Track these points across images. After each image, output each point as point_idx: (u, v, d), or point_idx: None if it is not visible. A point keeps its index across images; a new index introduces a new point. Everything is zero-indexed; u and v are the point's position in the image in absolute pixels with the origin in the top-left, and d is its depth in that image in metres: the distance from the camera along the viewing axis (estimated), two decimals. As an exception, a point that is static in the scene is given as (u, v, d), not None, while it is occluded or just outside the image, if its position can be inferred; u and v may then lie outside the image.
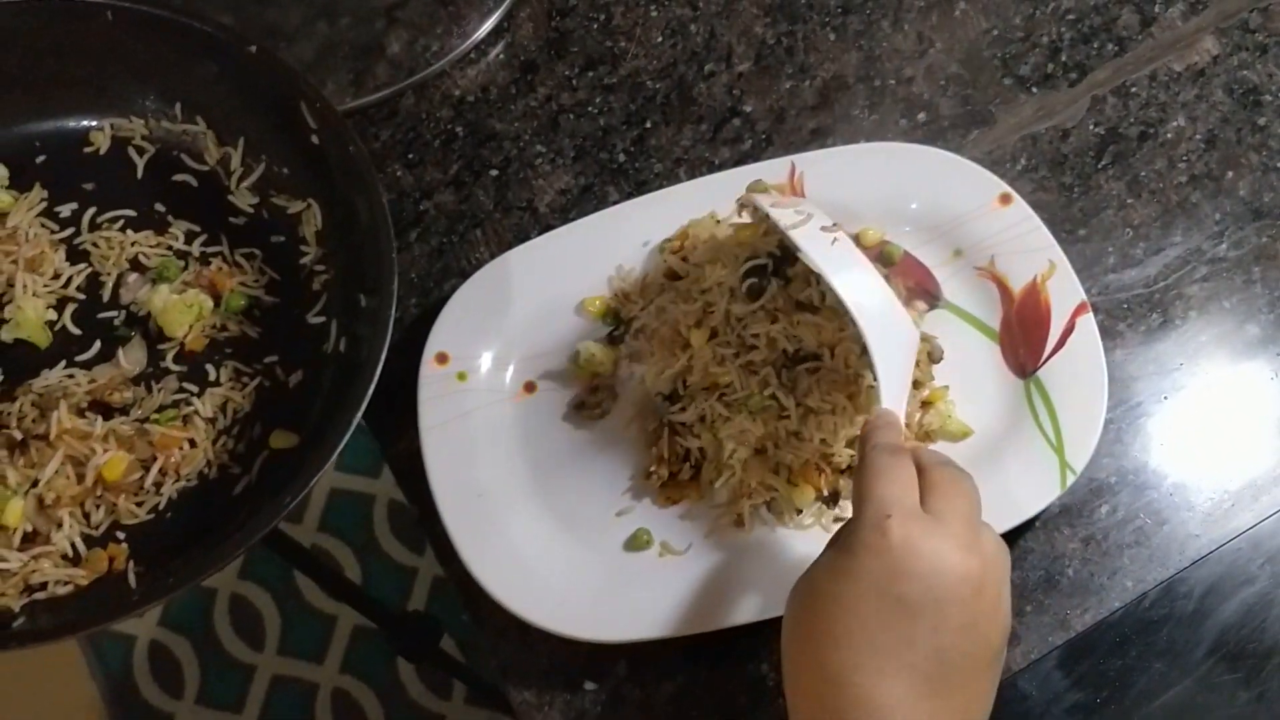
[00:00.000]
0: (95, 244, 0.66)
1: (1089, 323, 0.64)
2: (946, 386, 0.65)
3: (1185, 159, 0.72)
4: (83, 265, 0.66)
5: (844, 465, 0.62)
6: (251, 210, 0.68)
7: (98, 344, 0.64)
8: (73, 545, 0.59)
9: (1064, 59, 0.75)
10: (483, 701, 1.41)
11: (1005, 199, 0.67)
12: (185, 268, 0.66)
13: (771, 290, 0.62)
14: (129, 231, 0.67)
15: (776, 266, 0.63)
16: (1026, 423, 0.63)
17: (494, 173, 0.74)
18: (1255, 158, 0.72)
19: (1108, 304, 0.68)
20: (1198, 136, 0.72)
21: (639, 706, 0.61)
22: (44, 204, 0.67)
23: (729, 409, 0.63)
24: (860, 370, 0.61)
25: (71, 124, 0.68)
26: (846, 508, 0.63)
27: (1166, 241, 0.70)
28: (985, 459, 0.63)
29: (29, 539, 0.59)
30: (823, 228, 0.59)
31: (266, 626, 1.47)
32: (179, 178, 0.68)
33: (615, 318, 0.68)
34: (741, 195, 0.65)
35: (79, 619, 0.57)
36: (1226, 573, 0.62)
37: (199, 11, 0.65)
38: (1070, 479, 0.61)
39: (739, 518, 0.62)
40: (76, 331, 0.64)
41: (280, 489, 0.55)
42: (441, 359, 0.66)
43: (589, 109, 0.75)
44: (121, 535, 0.60)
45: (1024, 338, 0.65)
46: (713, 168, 0.73)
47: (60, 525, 0.59)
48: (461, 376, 0.66)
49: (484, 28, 0.76)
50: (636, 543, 0.63)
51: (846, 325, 0.61)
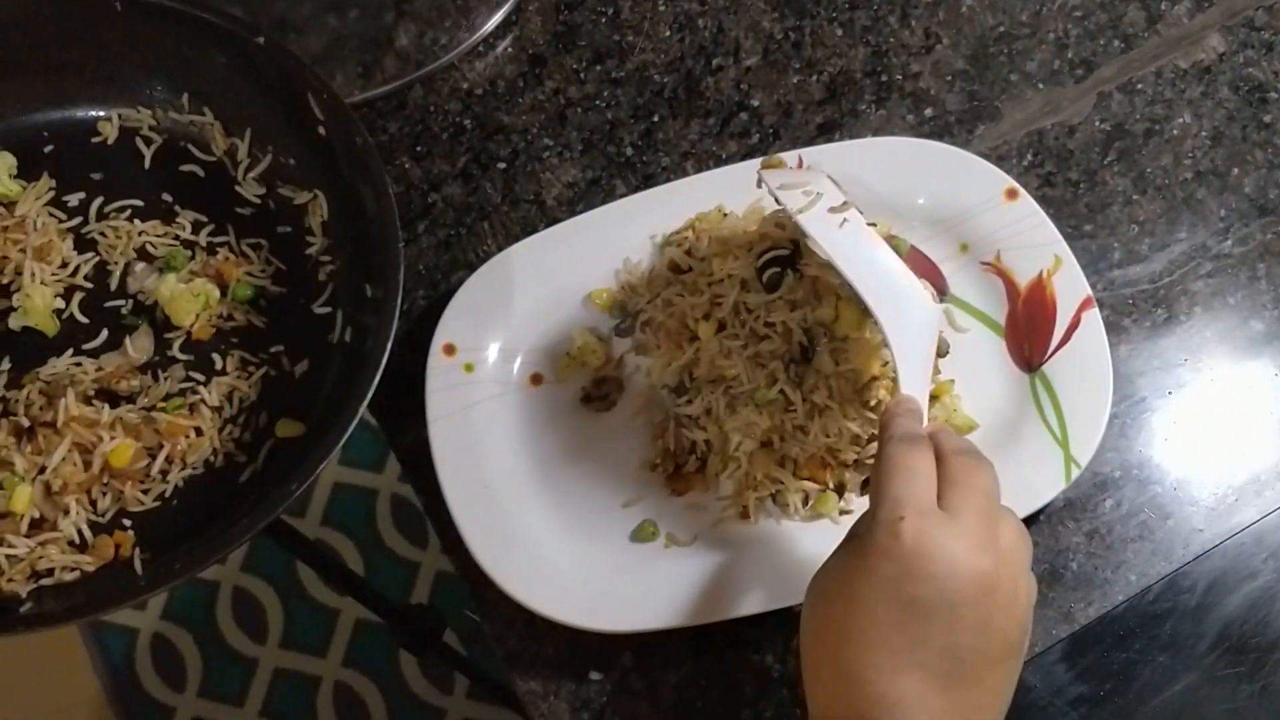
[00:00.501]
0: (103, 233, 0.66)
1: (1094, 318, 0.64)
2: (952, 380, 0.65)
3: (1191, 155, 0.72)
4: (90, 254, 0.66)
5: (850, 460, 0.63)
6: (258, 201, 0.68)
7: (105, 332, 0.64)
8: (79, 532, 0.59)
9: (1070, 55, 0.75)
10: (485, 695, 1.41)
11: (1011, 194, 0.67)
12: (192, 257, 0.66)
13: (789, 281, 0.62)
14: (136, 221, 0.67)
15: (795, 256, 0.62)
16: (1031, 417, 0.63)
17: (502, 165, 0.74)
18: (1261, 155, 0.72)
19: (1113, 299, 0.68)
20: (1203, 133, 0.72)
21: (644, 696, 0.62)
22: (52, 193, 0.67)
23: (735, 402, 0.63)
24: (877, 356, 0.61)
25: (80, 114, 0.69)
26: (851, 500, 0.63)
27: (1172, 237, 0.70)
28: (990, 452, 0.61)
29: (36, 525, 0.59)
30: (831, 208, 0.58)
31: (269, 619, 1.47)
32: (186, 168, 0.68)
33: (622, 310, 0.68)
34: (759, 169, 0.64)
35: (85, 604, 0.58)
36: (1230, 567, 0.63)
37: (208, 2, 0.65)
38: (1075, 473, 0.61)
39: (745, 510, 0.63)
40: (84, 320, 0.65)
41: (286, 478, 0.56)
42: (449, 350, 0.66)
43: (597, 102, 0.75)
44: (128, 522, 0.60)
45: (1029, 332, 0.65)
46: (720, 161, 0.73)
47: (67, 512, 0.59)
48: (469, 368, 0.66)
49: (492, 21, 0.76)
50: (642, 534, 0.63)
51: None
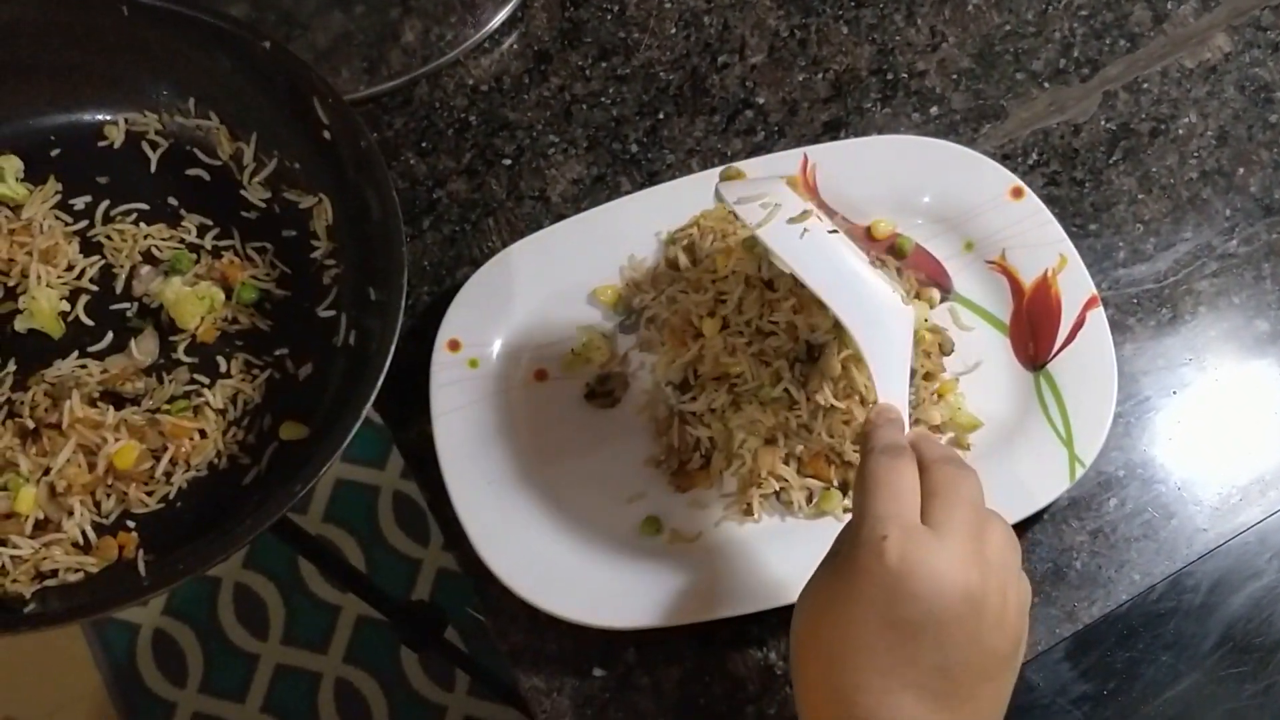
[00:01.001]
0: (109, 236, 0.66)
1: (1099, 317, 0.64)
2: (957, 379, 0.65)
3: (1196, 155, 0.72)
4: (96, 257, 0.66)
5: (854, 458, 0.63)
6: (263, 205, 0.68)
7: (110, 335, 0.65)
8: (83, 533, 0.59)
9: (1076, 54, 0.75)
10: (485, 692, 1.41)
11: (1017, 193, 0.67)
12: (197, 260, 0.66)
13: (788, 280, 0.62)
14: (142, 224, 0.67)
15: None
16: (1036, 415, 0.63)
17: (507, 162, 0.74)
18: (1266, 155, 0.72)
19: (1118, 298, 0.68)
20: (1209, 133, 0.72)
21: (648, 693, 0.62)
22: (58, 196, 0.67)
23: (740, 399, 0.63)
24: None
25: (86, 117, 0.69)
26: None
27: (1177, 237, 0.70)
28: (995, 451, 0.63)
29: (40, 526, 0.59)
30: (789, 219, 0.57)
31: (270, 616, 1.47)
32: (192, 172, 0.68)
33: (627, 307, 0.68)
34: (717, 184, 0.64)
35: (89, 604, 0.58)
36: (1234, 567, 0.63)
37: (214, 6, 0.65)
38: (1079, 472, 0.61)
39: (749, 507, 0.63)
40: (89, 322, 0.65)
41: (289, 480, 0.56)
42: (454, 346, 0.66)
43: (602, 99, 0.75)
44: (132, 523, 0.60)
45: (1034, 331, 0.65)
46: (725, 159, 0.73)
47: (71, 513, 0.59)
48: (473, 363, 0.66)
49: (498, 17, 0.76)
50: (646, 530, 0.63)
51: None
